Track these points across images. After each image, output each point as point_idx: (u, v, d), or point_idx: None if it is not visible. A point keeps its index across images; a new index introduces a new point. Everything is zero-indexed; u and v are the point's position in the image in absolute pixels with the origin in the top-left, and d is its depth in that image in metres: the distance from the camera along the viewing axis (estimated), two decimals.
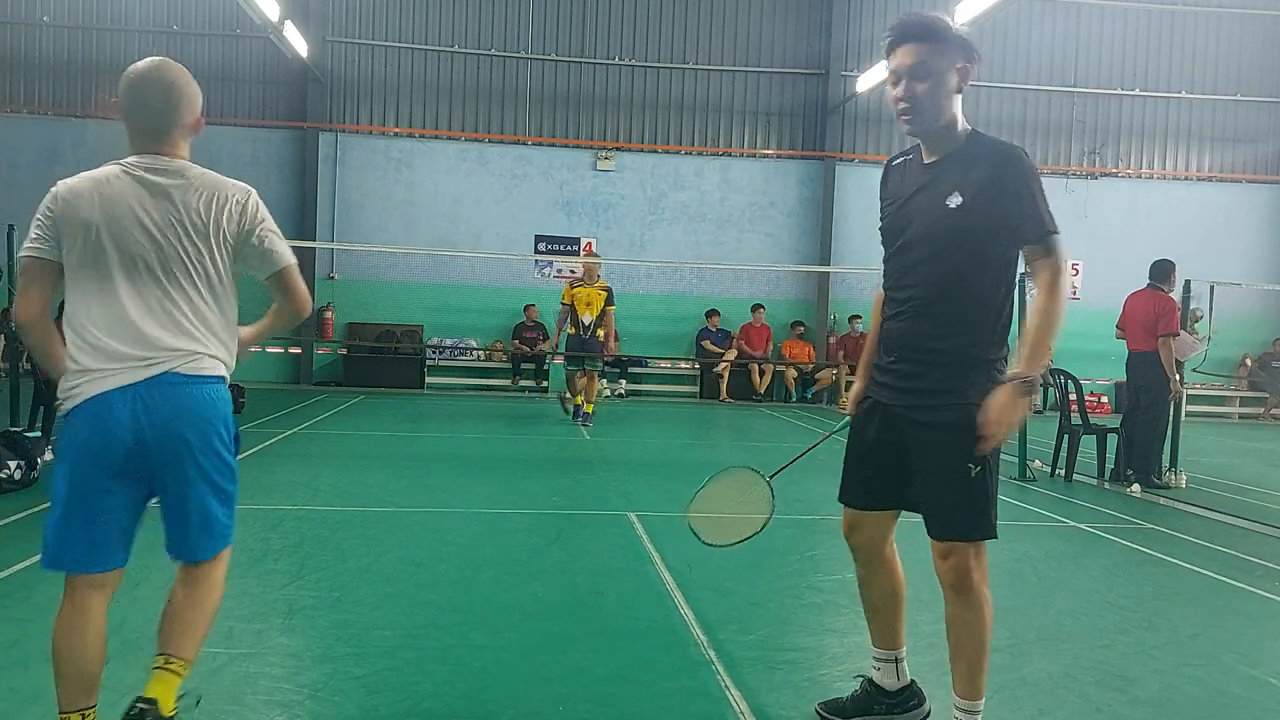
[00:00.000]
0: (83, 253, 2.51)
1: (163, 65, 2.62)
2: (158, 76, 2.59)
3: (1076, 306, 17.86)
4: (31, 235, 2.57)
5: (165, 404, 2.48)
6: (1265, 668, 3.80)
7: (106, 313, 2.49)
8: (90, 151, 16.43)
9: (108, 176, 2.55)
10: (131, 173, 2.55)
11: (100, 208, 2.51)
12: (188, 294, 2.55)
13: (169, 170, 2.56)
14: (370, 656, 3.52)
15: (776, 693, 3.34)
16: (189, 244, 2.54)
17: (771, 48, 17.52)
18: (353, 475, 7.50)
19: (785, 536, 5.90)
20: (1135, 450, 8.49)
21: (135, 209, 2.52)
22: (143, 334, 2.49)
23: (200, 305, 2.57)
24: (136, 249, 2.51)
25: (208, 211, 2.56)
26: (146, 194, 2.53)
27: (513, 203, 17.12)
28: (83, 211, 2.51)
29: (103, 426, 2.45)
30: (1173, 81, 18.15)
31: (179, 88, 2.61)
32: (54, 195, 2.58)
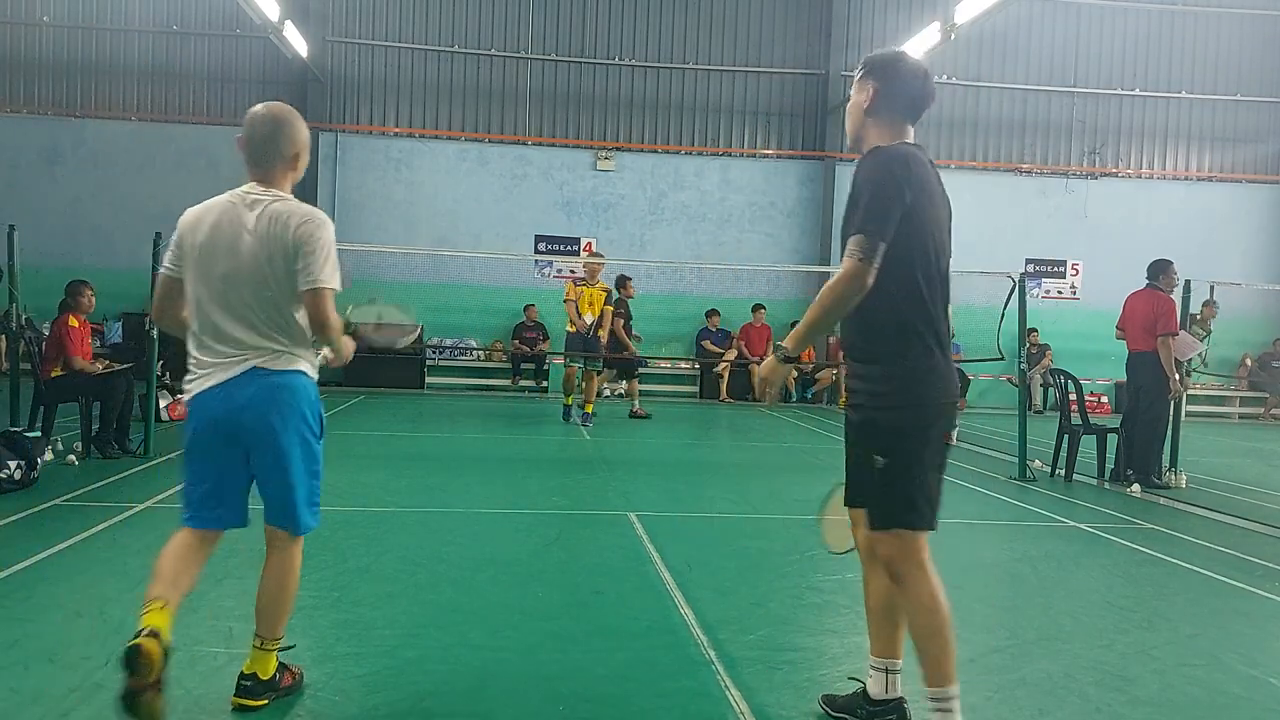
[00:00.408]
0: (193, 268, 2.98)
1: (272, 106, 3.06)
2: (265, 115, 3.02)
3: (1076, 306, 17.88)
4: (166, 255, 3.08)
5: (253, 394, 2.92)
6: (1265, 668, 3.80)
7: (208, 319, 2.95)
8: (90, 151, 16.44)
9: (218, 204, 3.01)
10: (235, 200, 3.00)
11: (207, 232, 2.96)
12: (270, 304, 2.94)
13: (263, 199, 2.98)
14: (370, 656, 3.52)
15: (776, 693, 3.34)
16: (269, 262, 2.93)
17: (771, 48, 17.51)
18: (353, 475, 7.50)
19: (785, 536, 5.90)
20: (1135, 450, 8.49)
21: (233, 232, 2.94)
22: (234, 337, 2.93)
23: (279, 313, 2.96)
24: (230, 266, 2.93)
25: (283, 238, 2.93)
26: (242, 220, 2.95)
27: (513, 203, 17.12)
28: (194, 235, 2.98)
29: (206, 415, 2.95)
30: (1173, 81, 18.15)
31: (280, 127, 3.01)
32: (179, 221, 3.06)
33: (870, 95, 2.92)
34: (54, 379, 7.91)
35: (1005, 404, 16.26)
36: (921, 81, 2.94)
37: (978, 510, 7.18)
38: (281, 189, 3.03)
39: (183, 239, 3.00)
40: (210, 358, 2.95)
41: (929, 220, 2.82)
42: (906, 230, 2.76)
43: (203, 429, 2.96)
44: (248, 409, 2.92)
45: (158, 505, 6.05)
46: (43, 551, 4.76)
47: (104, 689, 3.11)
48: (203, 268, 2.96)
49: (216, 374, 2.93)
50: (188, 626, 3.74)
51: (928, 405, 2.83)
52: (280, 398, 2.95)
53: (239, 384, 2.92)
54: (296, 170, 3.09)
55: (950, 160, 17.87)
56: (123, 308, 15.37)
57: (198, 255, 2.96)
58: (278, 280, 2.93)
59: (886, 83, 2.90)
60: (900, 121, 2.93)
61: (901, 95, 2.91)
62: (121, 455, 7.89)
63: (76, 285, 8.23)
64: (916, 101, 2.93)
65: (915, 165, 2.81)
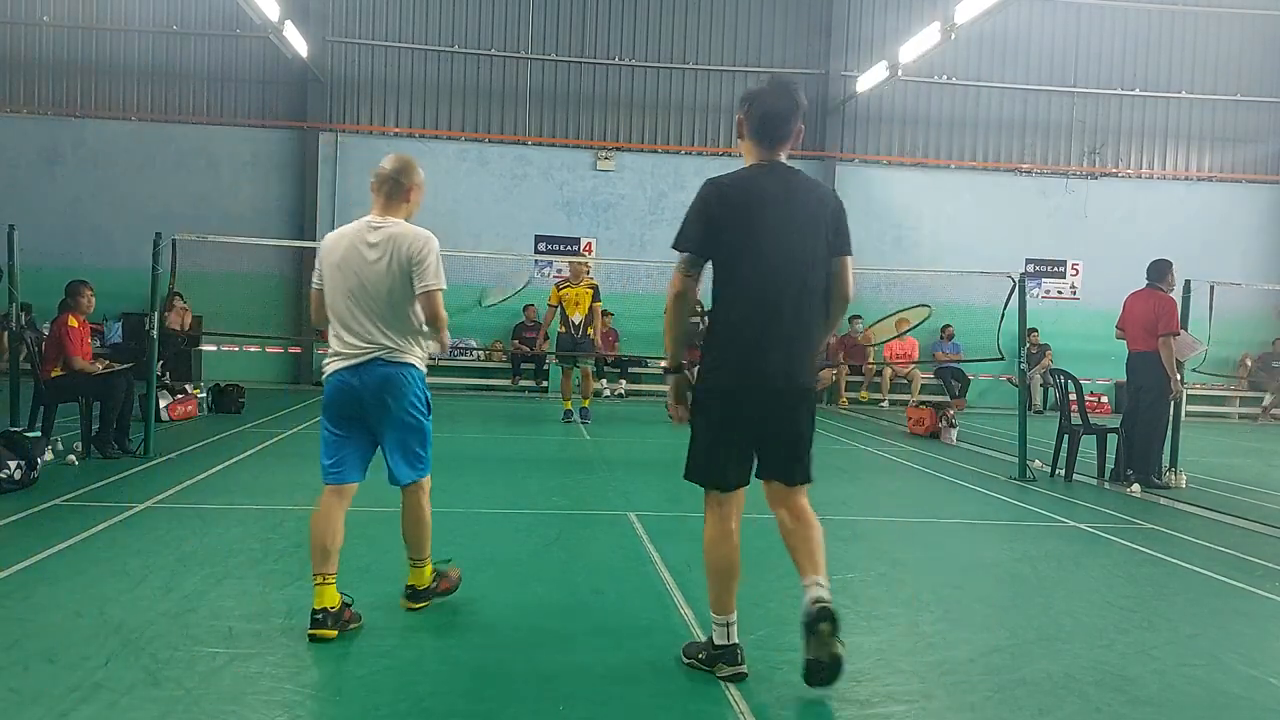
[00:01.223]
0: (329, 281, 3.84)
1: (395, 156, 4.01)
2: (393, 159, 3.99)
3: (1076, 306, 17.88)
4: (314, 274, 3.94)
5: (374, 379, 3.77)
6: (1265, 668, 3.80)
7: (342, 320, 3.81)
8: (90, 151, 16.44)
9: (350, 230, 3.87)
10: (361, 227, 3.85)
11: (341, 252, 3.82)
12: (388, 309, 3.77)
13: (384, 227, 3.82)
14: (370, 656, 3.52)
15: (776, 692, 3.34)
16: (388, 277, 3.76)
17: (771, 48, 17.51)
18: None
19: None
20: (1135, 450, 8.49)
21: (360, 252, 3.79)
22: (361, 334, 3.78)
23: (396, 316, 3.79)
24: (357, 279, 3.77)
25: (400, 254, 3.75)
26: (367, 243, 3.79)
27: (513, 203, 17.12)
28: (331, 255, 3.85)
29: (336, 393, 3.82)
30: (1173, 81, 18.15)
31: (403, 169, 3.94)
32: (320, 245, 3.94)
33: (738, 122, 3.45)
34: (54, 379, 7.91)
35: (1005, 404, 16.26)
36: (766, 108, 3.36)
37: (978, 510, 7.18)
38: (397, 217, 3.87)
39: (322, 258, 3.87)
40: (343, 349, 3.79)
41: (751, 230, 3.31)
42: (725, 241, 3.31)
43: (334, 400, 3.84)
44: (367, 389, 3.77)
45: (158, 505, 6.05)
46: (43, 551, 4.75)
47: (104, 689, 3.11)
48: (337, 280, 3.80)
49: (348, 360, 3.78)
50: (187, 626, 3.75)
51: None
52: (392, 383, 3.79)
53: (363, 370, 3.77)
54: (409, 204, 3.94)
55: (950, 160, 17.87)
56: (123, 308, 15.36)
57: (333, 270, 3.81)
58: (397, 289, 3.75)
59: (745, 111, 3.41)
60: (754, 145, 3.42)
61: (751, 121, 3.39)
62: (121, 455, 7.89)
63: (76, 285, 8.23)
64: (762, 127, 3.38)
65: (726, 190, 3.34)
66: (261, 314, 16.12)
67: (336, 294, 3.80)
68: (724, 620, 3.41)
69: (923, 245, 17.73)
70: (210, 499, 6.32)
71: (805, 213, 3.39)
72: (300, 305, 16.63)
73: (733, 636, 3.40)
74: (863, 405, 16.70)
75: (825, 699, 3.32)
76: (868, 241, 17.71)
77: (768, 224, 3.32)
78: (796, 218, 3.37)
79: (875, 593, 4.70)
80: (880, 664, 3.66)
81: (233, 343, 16.14)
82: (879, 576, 5.02)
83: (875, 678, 3.52)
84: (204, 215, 15.87)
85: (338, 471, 3.87)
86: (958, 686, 3.45)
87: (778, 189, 3.36)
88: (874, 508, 7.34)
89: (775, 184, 3.37)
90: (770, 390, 3.38)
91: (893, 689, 3.41)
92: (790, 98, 3.40)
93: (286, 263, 16.65)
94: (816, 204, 3.42)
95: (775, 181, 3.38)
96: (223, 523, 5.61)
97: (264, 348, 16.73)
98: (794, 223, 3.36)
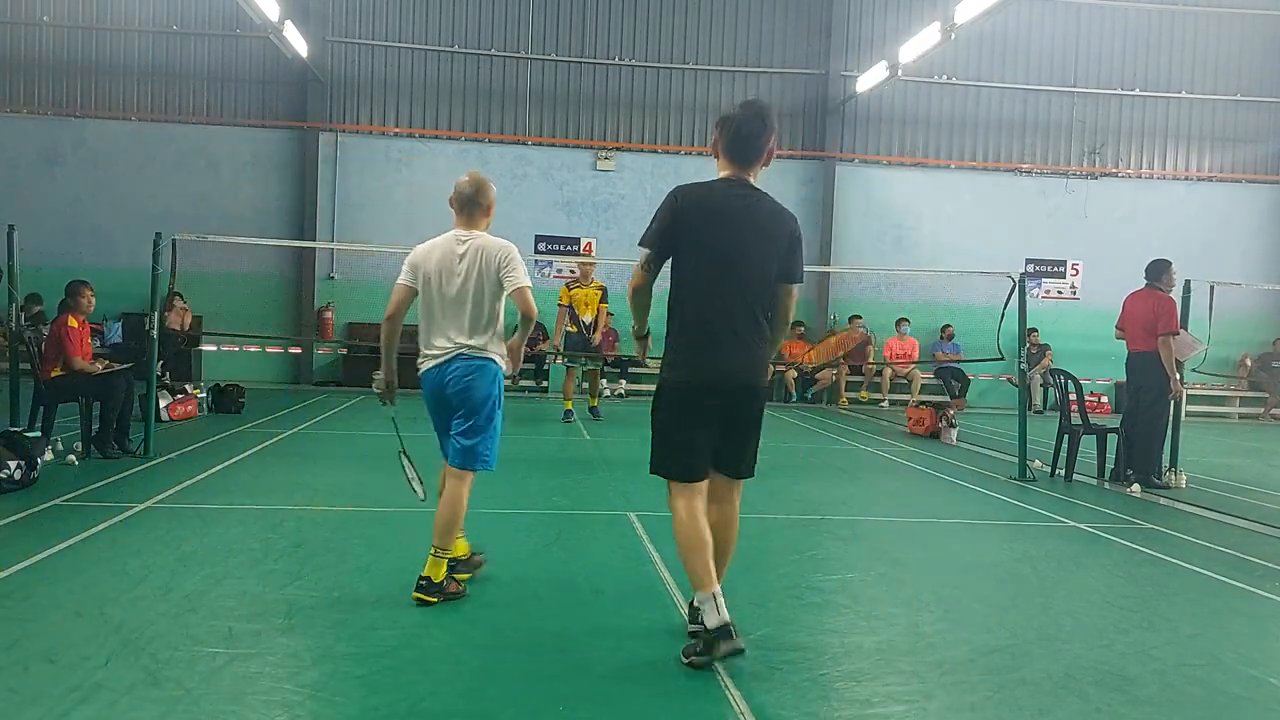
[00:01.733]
0: (424, 286, 4.31)
1: (473, 174, 4.47)
2: (468, 180, 4.42)
3: (1076, 306, 17.88)
4: (402, 271, 4.38)
5: (458, 374, 4.25)
6: (1265, 668, 3.80)
7: (433, 322, 4.31)
8: (90, 151, 16.44)
9: (441, 241, 4.33)
10: (450, 239, 4.32)
11: (434, 260, 4.29)
12: (473, 312, 4.25)
13: (470, 239, 4.30)
14: (370, 656, 3.52)
15: (776, 693, 3.34)
16: (474, 282, 4.24)
17: (771, 48, 17.51)
18: (353, 475, 7.50)
19: (785, 536, 5.90)
20: (1135, 450, 8.49)
21: (449, 260, 4.27)
22: (448, 334, 4.28)
23: (479, 317, 4.26)
24: (448, 285, 4.27)
25: (485, 261, 4.25)
26: (456, 252, 4.28)
27: (513, 203, 17.08)
28: (425, 263, 4.31)
29: (430, 386, 4.35)
30: (1173, 81, 18.15)
31: (479, 188, 4.39)
32: (414, 251, 4.40)
33: (714, 142, 3.74)
34: (54, 379, 7.91)
35: (1005, 404, 16.27)
36: (732, 131, 3.64)
37: (978, 510, 7.18)
38: (480, 229, 4.37)
39: (416, 264, 4.32)
40: (433, 350, 4.31)
41: (706, 235, 3.57)
42: (682, 244, 3.59)
43: (429, 393, 4.37)
44: (452, 382, 4.25)
45: (158, 505, 6.05)
46: (42, 551, 4.75)
47: (104, 689, 3.11)
48: (431, 287, 4.28)
49: (438, 358, 4.29)
50: (187, 626, 3.75)
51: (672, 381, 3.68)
52: (472, 376, 4.25)
53: (450, 365, 4.26)
54: (489, 216, 4.43)
55: (950, 160, 17.88)
56: (123, 308, 15.36)
57: (428, 278, 4.28)
58: (484, 293, 4.24)
59: (719, 131, 3.71)
60: (726, 162, 3.70)
61: (724, 140, 3.67)
62: (121, 455, 7.89)
63: (76, 285, 8.22)
64: (733, 146, 3.67)
65: (689, 198, 3.62)
66: (261, 314, 16.12)
67: (431, 300, 4.30)
68: (708, 596, 3.48)
69: (923, 245, 17.74)
70: (210, 499, 6.32)
71: (760, 228, 3.63)
72: (299, 305, 16.65)
73: (723, 612, 3.44)
74: (863, 405, 16.69)
75: (825, 698, 3.32)
76: (867, 242, 17.74)
77: (722, 231, 3.57)
78: (751, 231, 3.61)
79: (875, 593, 4.70)
80: (880, 664, 3.66)
81: (233, 343, 16.14)
82: (879, 576, 5.02)
83: (875, 678, 3.52)
84: (204, 215, 15.87)
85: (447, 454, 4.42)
86: (958, 686, 3.45)
87: (738, 202, 3.62)
88: (874, 508, 7.34)
89: (736, 198, 3.63)
90: (724, 387, 3.61)
91: (893, 689, 3.41)
92: (761, 120, 3.64)
93: (286, 263, 16.66)
94: (773, 223, 3.66)
95: (737, 195, 3.63)
96: (223, 523, 5.61)
97: (264, 348, 16.72)
98: (747, 235, 3.60)
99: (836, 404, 16.75)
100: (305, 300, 16.64)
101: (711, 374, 3.59)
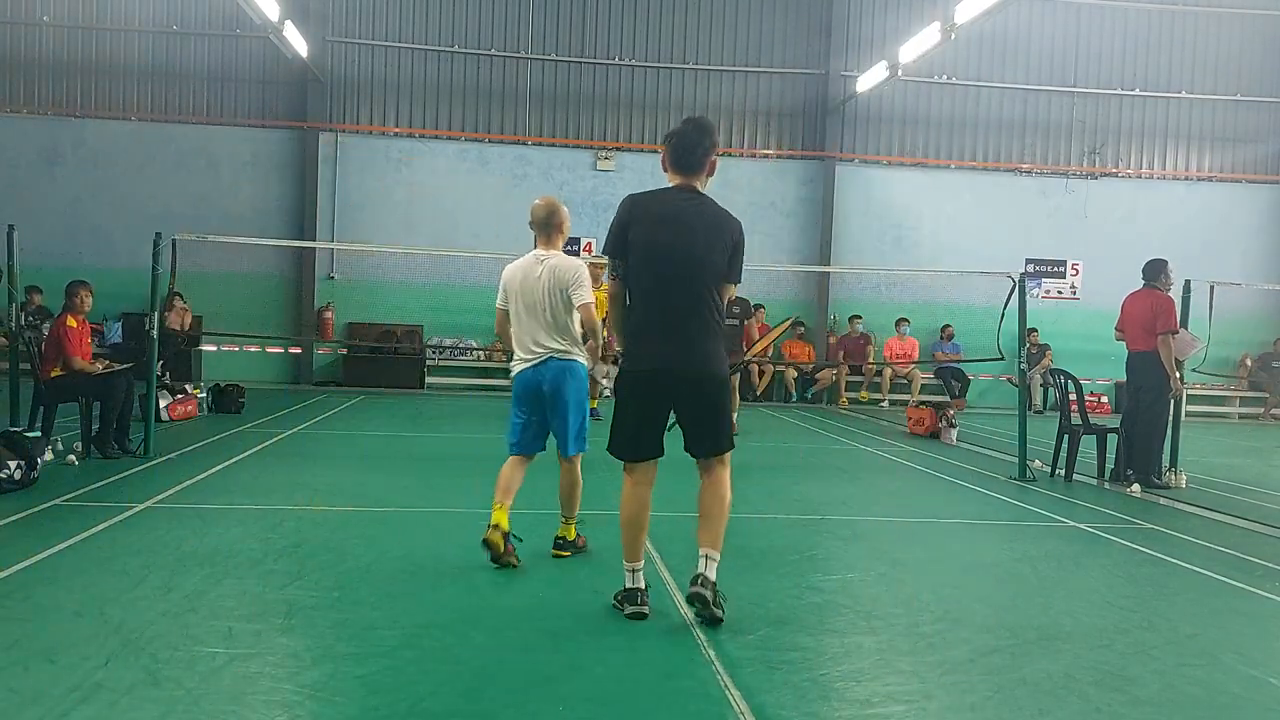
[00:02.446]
0: (513, 301, 4.98)
1: (547, 198, 5.09)
2: (543, 203, 5.04)
3: (1076, 306, 17.87)
4: (499, 296, 5.09)
5: (549, 373, 4.91)
6: (1265, 668, 3.80)
7: (525, 331, 4.95)
8: (90, 151, 16.44)
9: (525, 261, 4.99)
10: (532, 259, 4.97)
11: (519, 279, 4.96)
12: (554, 321, 4.89)
13: (547, 259, 4.92)
14: (370, 656, 3.52)
15: (776, 693, 3.34)
16: (554, 295, 4.86)
17: (771, 48, 17.51)
18: (353, 475, 7.50)
19: (785, 536, 5.90)
20: (1135, 450, 8.49)
21: (531, 277, 4.90)
22: (539, 340, 4.91)
23: (560, 326, 4.90)
24: (532, 298, 4.89)
25: (558, 279, 4.86)
26: (535, 270, 4.91)
27: (513, 203, 17.05)
28: (513, 281, 4.99)
29: (522, 387, 4.99)
30: (1173, 81, 18.15)
31: (552, 211, 5.00)
32: (504, 272, 5.06)
33: (662, 155, 4.11)
34: (54, 379, 7.91)
35: (1005, 404, 16.26)
36: (675, 143, 4.01)
37: (978, 510, 7.18)
38: (556, 248, 4.98)
39: (507, 284, 5.02)
40: (525, 354, 4.93)
41: (651, 235, 3.93)
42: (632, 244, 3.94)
43: (521, 392, 4.99)
44: (545, 381, 4.90)
45: (158, 505, 6.05)
46: (42, 551, 4.75)
47: (104, 689, 3.11)
48: (519, 301, 4.94)
49: (530, 362, 4.92)
50: (187, 626, 3.75)
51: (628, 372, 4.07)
52: (564, 374, 4.92)
53: (541, 367, 4.91)
54: (564, 234, 5.04)
55: (950, 160, 17.88)
56: (123, 308, 15.36)
57: (516, 293, 4.94)
58: (559, 305, 4.86)
59: (666, 144, 4.07)
60: (672, 171, 4.07)
61: (669, 153, 4.04)
62: (121, 455, 7.89)
63: (75, 285, 8.23)
64: (676, 157, 4.03)
65: (639, 204, 4.03)
66: (261, 314, 16.13)
67: (519, 312, 4.94)
68: (632, 567, 4.05)
69: (923, 245, 17.74)
70: (210, 499, 6.32)
71: (702, 229, 3.97)
72: (299, 305, 16.65)
73: (638, 581, 4.03)
74: (863, 405, 16.69)
75: (825, 699, 3.32)
76: (867, 242, 17.74)
77: (666, 231, 3.92)
78: (693, 230, 3.95)
79: (875, 593, 4.70)
80: (880, 664, 3.66)
81: (233, 343, 16.14)
82: (879, 576, 5.02)
83: (875, 678, 3.52)
84: (204, 215, 15.88)
85: (520, 444, 5.05)
86: (958, 686, 3.45)
87: (683, 204, 3.98)
88: (874, 508, 7.34)
89: (682, 200, 3.99)
90: (668, 374, 3.94)
91: (893, 689, 3.41)
92: (700, 131, 4.00)
93: (286, 263, 16.66)
94: (715, 227, 4.00)
95: (683, 199, 4.00)
96: (223, 523, 5.61)
97: (264, 348, 16.72)
98: (690, 233, 3.93)
99: (836, 404, 16.75)
100: (305, 300, 16.64)
101: (655, 362, 3.94)
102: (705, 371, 3.97)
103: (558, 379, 4.90)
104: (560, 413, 4.96)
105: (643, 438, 4.03)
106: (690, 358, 3.93)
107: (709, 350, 3.97)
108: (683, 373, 3.94)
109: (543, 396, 4.94)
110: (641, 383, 4.00)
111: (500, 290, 5.07)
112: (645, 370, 3.98)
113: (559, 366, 4.91)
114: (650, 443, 4.04)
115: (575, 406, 4.99)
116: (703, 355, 3.95)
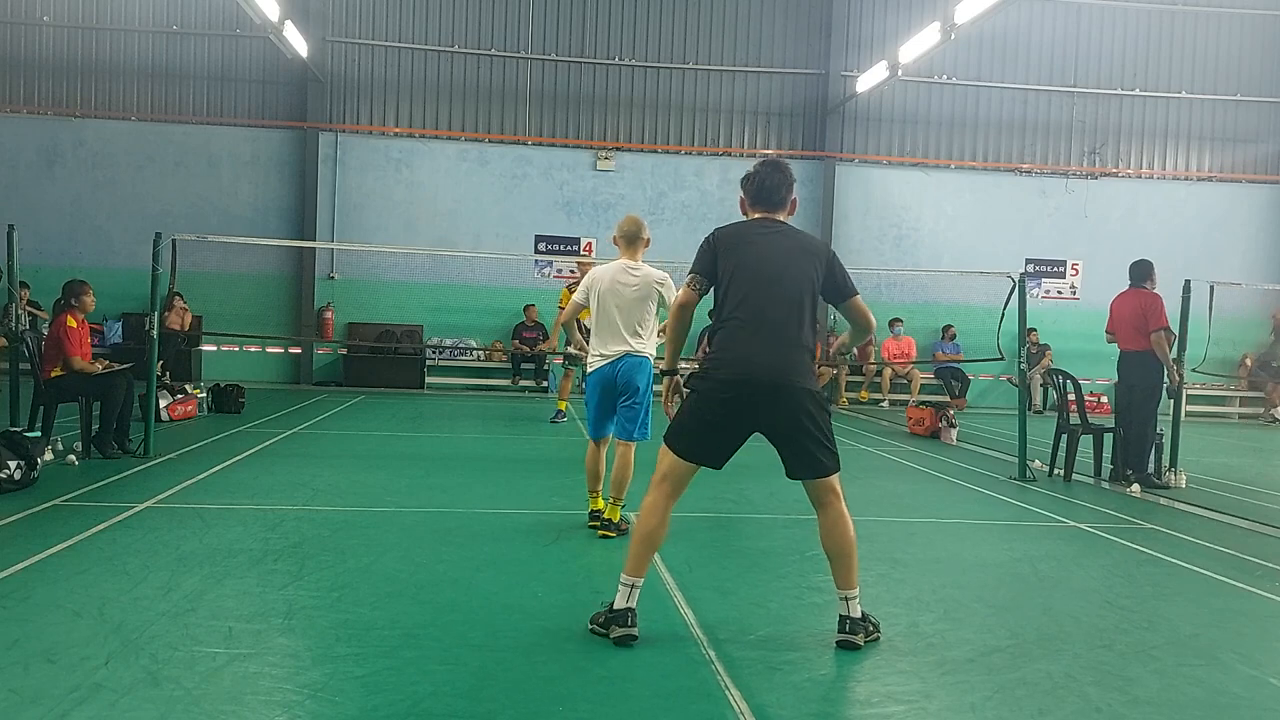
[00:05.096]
0: (597, 301, 5.68)
1: (632, 217, 5.84)
2: (630, 221, 5.80)
3: (1076, 306, 17.88)
4: (578, 291, 5.89)
5: (626, 368, 5.62)
6: (1265, 668, 3.80)
7: (604, 329, 5.66)
8: (90, 151, 16.44)
9: (613, 267, 5.70)
10: (619, 267, 5.70)
11: (606, 282, 5.66)
12: (636, 322, 5.64)
13: (640, 269, 5.70)
14: (370, 656, 3.51)
15: (776, 693, 3.34)
16: (641, 302, 5.65)
17: (771, 48, 17.52)
18: (353, 475, 7.50)
19: (785, 536, 5.90)
20: (1130, 448, 8.49)
21: (618, 283, 5.65)
22: (618, 338, 5.63)
23: (641, 325, 5.66)
24: (617, 301, 5.63)
25: (646, 286, 5.66)
26: (621, 277, 5.66)
27: (513, 203, 17.12)
28: (599, 284, 5.68)
29: (601, 379, 5.68)
30: (1173, 81, 18.16)
31: (639, 227, 5.77)
32: (591, 272, 5.82)
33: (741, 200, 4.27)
34: (54, 379, 7.91)
35: (1005, 404, 16.27)
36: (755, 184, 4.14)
37: (978, 510, 7.18)
38: (640, 258, 5.75)
39: (590, 285, 5.73)
40: (604, 350, 5.63)
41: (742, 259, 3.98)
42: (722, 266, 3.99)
43: (597, 384, 5.69)
44: (621, 374, 5.61)
45: (158, 505, 6.05)
46: (42, 551, 4.75)
47: (104, 689, 3.11)
48: (606, 303, 5.62)
49: (608, 358, 5.62)
50: (187, 626, 3.75)
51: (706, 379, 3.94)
52: (636, 368, 5.63)
53: (618, 362, 5.61)
54: (646, 247, 5.79)
55: (950, 160, 17.88)
56: (123, 308, 15.37)
57: (601, 296, 5.63)
58: (647, 309, 5.65)
59: (745, 185, 4.22)
60: (752, 208, 4.20)
61: (750, 193, 4.20)
62: (121, 455, 7.89)
63: (75, 285, 8.22)
64: (759, 196, 4.15)
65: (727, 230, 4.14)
66: (261, 314, 16.14)
67: (604, 312, 5.63)
68: (631, 582, 3.84)
69: (923, 245, 17.74)
70: (210, 499, 6.32)
71: (789, 251, 4.01)
72: (299, 305, 16.65)
73: (631, 600, 3.82)
74: (863, 405, 16.69)
75: (825, 699, 3.32)
76: (867, 242, 17.75)
77: (756, 252, 3.98)
78: (783, 250, 4.01)
79: (875, 593, 4.70)
80: (880, 664, 3.66)
81: (233, 343, 16.15)
82: (879, 576, 5.02)
83: (875, 678, 3.52)
84: (204, 215, 15.90)
85: (599, 430, 5.81)
86: (958, 686, 3.45)
87: (767, 233, 4.07)
88: (874, 508, 7.34)
89: (766, 230, 4.08)
90: (749, 384, 3.82)
91: (893, 689, 3.41)
92: (780, 172, 4.11)
93: (286, 263, 16.66)
94: (800, 250, 4.02)
95: (766, 229, 4.09)
96: (223, 523, 5.61)
97: (264, 348, 16.73)
98: (779, 254, 3.98)
99: (836, 404, 16.75)
100: (305, 300, 16.64)
101: (735, 369, 3.83)
102: (785, 383, 3.80)
103: (631, 371, 5.60)
104: (630, 400, 5.63)
105: (702, 440, 3.91)
106: (770, 368, 3.81)
107: (792, 361, 3.84)
108: (760, 381, 3.80)
109: (615, 387, 5.63)
110: (718, 388, 3.86)
111: (582, 288, 5.78)
112: (723, 377, 3.86)
113: (633, 362, 5.61)
114: (705, 449, 3.93)
115: (641, 397, 5.65)
116: (784, 366, 3.82)
